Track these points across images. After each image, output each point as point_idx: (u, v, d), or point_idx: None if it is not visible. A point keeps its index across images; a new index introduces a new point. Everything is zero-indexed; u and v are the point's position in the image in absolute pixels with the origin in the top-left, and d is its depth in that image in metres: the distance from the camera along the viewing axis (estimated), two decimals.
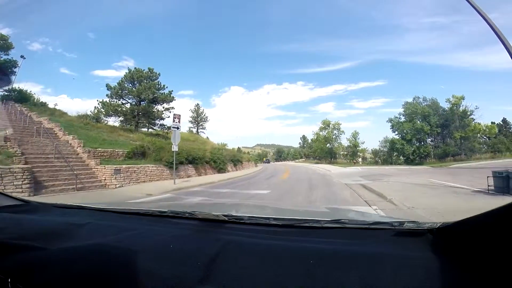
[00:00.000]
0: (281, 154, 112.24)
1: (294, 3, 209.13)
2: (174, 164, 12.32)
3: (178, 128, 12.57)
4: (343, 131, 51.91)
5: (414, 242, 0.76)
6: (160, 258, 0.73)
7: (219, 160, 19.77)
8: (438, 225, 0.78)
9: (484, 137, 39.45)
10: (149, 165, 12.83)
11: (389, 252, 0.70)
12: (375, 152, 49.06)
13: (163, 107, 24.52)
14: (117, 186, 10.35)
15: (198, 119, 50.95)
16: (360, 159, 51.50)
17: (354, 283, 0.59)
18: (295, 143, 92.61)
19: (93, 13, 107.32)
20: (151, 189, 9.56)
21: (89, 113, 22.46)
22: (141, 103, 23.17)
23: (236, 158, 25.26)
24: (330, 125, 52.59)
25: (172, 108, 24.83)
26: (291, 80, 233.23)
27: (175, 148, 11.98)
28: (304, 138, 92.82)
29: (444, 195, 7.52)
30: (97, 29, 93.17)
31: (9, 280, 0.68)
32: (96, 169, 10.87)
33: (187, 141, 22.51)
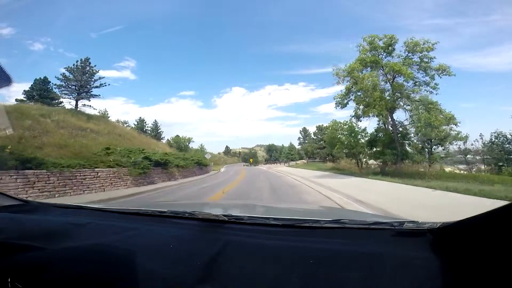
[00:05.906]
0: (272, 153, 79.99)
1: (296, 3, 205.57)
2: None
3: None
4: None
5: (414, 242, 0.76)
6: (160, 258, 0.74)
7: None
8: (438, 225, 0.77)
9: None
10: None
11: (389, 252, 0.70)
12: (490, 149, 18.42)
13: None
14: None
15: (82, 82, 22.29)
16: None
17: (354, 283, 0.59)
18: (295, 143, 71.22)
19: (95, 13, 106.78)
20: None
21: None
22: None
23: None
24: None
25: None
26: (292, 81, 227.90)
27: None
28: (305, 131, 64.81)
29: None
30: (99, 29, 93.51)
31: (9, 280, 0.68)
32: None
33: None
